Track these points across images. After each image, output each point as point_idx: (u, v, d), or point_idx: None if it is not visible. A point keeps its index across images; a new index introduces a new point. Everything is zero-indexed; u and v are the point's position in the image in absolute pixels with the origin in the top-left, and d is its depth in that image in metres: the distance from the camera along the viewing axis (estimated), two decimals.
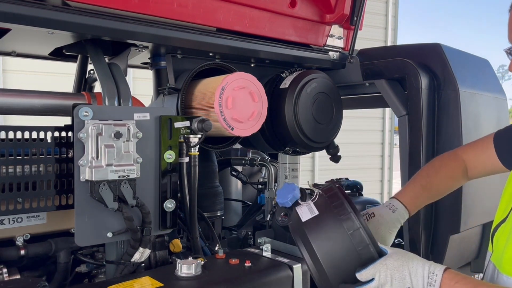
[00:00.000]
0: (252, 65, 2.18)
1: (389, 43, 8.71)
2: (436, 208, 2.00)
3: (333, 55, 2.31)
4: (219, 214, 2.22)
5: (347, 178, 2.78)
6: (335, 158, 2.34)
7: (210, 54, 1.94)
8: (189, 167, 1.73)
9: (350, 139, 7.29)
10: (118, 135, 1.46)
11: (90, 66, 2.06)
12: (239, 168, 2.70)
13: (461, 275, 1.10)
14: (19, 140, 1.42)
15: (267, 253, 1.79)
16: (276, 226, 2.05)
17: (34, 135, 1.46)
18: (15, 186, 1.42)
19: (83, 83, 2.32)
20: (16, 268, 1.55)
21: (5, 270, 1.50)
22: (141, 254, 1.57)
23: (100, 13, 1.55)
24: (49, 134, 1.49)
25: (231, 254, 1.73)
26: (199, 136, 1.69)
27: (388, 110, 8.32)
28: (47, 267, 1.72)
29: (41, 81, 4.74)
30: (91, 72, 2.27)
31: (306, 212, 1.25)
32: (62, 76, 3.91)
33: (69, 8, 1.49)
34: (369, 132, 8.69)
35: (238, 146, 2.50)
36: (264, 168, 2.56)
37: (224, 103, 1.75)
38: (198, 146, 1.72)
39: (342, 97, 2.22)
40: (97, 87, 2.03)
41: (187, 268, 1.49)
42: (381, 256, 1.15)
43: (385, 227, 1.40)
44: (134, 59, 2.00)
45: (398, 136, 2.11)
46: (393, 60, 2.11)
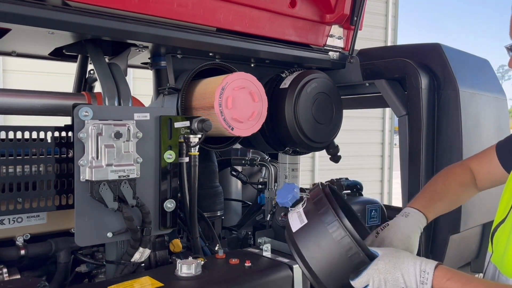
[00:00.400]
0: (252, 65, 2.18)
1: (389, 43, 8.71)
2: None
3: (333, 55, 2.31)
4: (219, 214, 2.22)
5: (347, 178, 2.77)
6: (335, 158, 2.35)
7: (210, 54, 1.94)
8: (189, 167, 1.73)
9: (350, 139, 7.29)
10: (118, 135, 1.46)
11: (90, 66, 2.06)
12: (239, 168, 2.70)
13: (452, 271, 1.10)
14: (19, 140, 1.42)
15: (267, 253, 1.79)
16: (276, 226, 2.05)
17: (34, 135, 1.46)
18: (15, 186, 1.42)
19: (83, 83, 2.32)
20: (16, 268, 1.55)
21: (5, 270, 1.50)
22: (141, 254, 1.57)
23: (100, 13, 1.55)
24: (49, 134, 1.49)
25: (231, 254, 1.73)
26: (199, 136, 1.69)
27: (388, 110, 8.32)
28: (47, 267, 1.72)
29: (41, 81, 4.74)
30: (91, 72, 2.27)
31: (296, 220, 1.26)
32: (62, 76, 3.91)
33: (69, 8, 1.49)
34: (369, 132, 8.68)
35: (238, 146, 2.50)
36: (264, 168, 2.56)
37: (224, 103, 1.75)
38: (198, 146, 1.72)
39: (342, 97, 2.22)
40: (97, 87, 2.03)
41: (187, 268, 1.49)
42: (372, 259, 1.15)
43: (402, 233, 1.37)
44: (134, 59, 2.00)
45: (398, 136, 2.11)
46: (393, 60, 2.11)
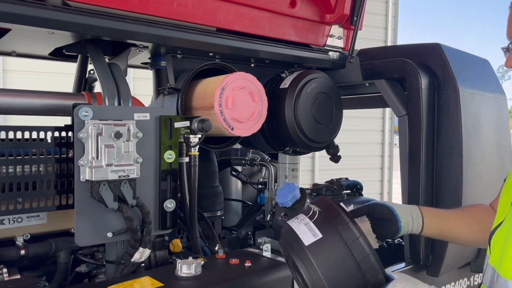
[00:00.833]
0: (252, 65, 2.18)
1: (389, 43, 8.71)
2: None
3: (333, 55, 2.31)
4: (219, 214, 2.22)
5: (347, 178, 2.78)
6: (335, 158, 2.35)
7: (210, 54, 1.94)
8: (189, 167, 1.73)
9: (350, 139, 7.29)
10: (118, 135, 1.46)
11: (90, 66, 2.06)
12: (239, 168, 2.70)
13: None
14: (19, 140, 1.42)
15: (267, 253, 1.79)
16: (276, 226, 2.04)
17: (34, 135, 1.46)
18: (15, 186, 1.42)
19: (83, 83, 2.32)
20: (16, 268, 1.55)
21: (5, 270, 1.50)
22: (141, 254, 1.56)
23: (100, 13, 1.55)
24: (49, 134, 1.49)
25: (231, 254, 1.73)
26: (199, 136, 1.69)
27: (388, 110, 8.32)
28: (47, 267, 1.72)
29: (41, 81, 4.74)
30: (91, 72, 2.27)
31: (307, 233, 1.17)
32: (62, 76, 3.91)
33: (69, 8, 1.49)
34: (369, 132, 8.69)
35: (238, 146, 2.50)
36: (264, 168, 2.56)
37: (224, 103, 1.75)
38: (198, 146, 1.72)
39: (342, 97, 2.22)
40: (97, 87, 2.03)
41: (187, 268, 1.49)
42: (388, 281, 1.15)
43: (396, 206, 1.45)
44: (134, 59, 2.00)
45: (398, 136, 2.11)
46: (393, 60, 2.11)
